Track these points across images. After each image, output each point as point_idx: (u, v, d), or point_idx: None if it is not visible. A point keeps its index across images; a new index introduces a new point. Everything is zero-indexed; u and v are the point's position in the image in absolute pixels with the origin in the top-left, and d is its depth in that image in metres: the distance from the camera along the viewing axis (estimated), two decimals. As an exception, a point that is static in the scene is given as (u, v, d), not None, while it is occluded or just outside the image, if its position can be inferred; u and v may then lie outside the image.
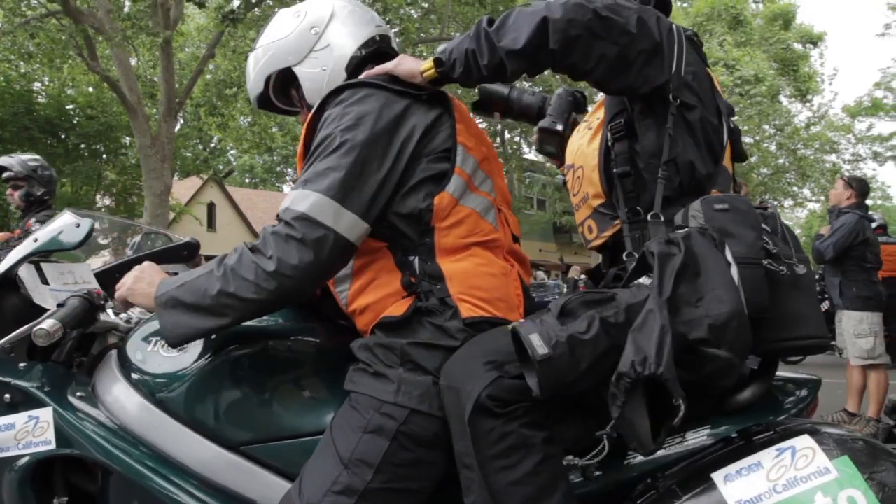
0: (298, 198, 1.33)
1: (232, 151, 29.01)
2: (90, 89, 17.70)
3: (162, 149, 12.41)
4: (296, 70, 1.61)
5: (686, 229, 1.26)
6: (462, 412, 1.22)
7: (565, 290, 14.11)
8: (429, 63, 1.41)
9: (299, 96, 1.66)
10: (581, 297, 1.23)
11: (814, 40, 25.88)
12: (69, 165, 17.86)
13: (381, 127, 1.37)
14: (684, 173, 1.46)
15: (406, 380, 1.33)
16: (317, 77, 1.59)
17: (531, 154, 24.10)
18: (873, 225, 10.04)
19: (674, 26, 1.47)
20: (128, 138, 17.91)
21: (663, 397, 1.12)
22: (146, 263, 1.48)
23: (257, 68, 1.66)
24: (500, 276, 1.46)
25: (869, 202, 5.81)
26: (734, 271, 1.21)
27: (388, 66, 1.45)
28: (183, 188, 24.02)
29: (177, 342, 1.36)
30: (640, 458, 1.36)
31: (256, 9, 12.36)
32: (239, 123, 16.69)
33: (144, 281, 1.43)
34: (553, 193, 25.50)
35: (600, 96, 1.64)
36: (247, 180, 37.65)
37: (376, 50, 1.62)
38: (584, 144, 1.60)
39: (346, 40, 1.59)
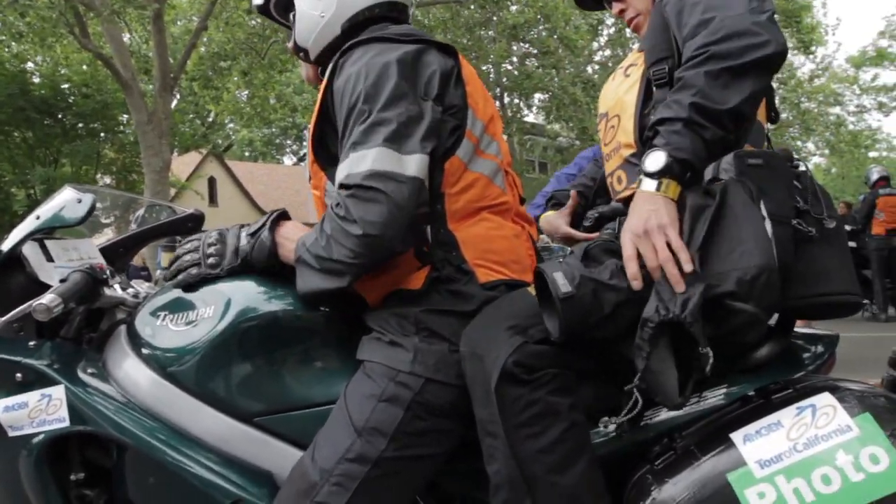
0: (355, 160, 1.28)
1: (231, 125, 28.77)
2: (84, 67, 17.52)
3: (159, 125, 12.33)
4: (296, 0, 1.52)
5: (724, 180, 1.21)
6: (487, 379, 1.20)
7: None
8: None
9: (293, 31, 1.56)
10: (604, 245, 1.20)
11: (817, -11, 25.42)
12: (67, 145, 17.83)
13: (405, 75, 1.33)
14: None
15: (422, 349, 1.32)
16: (311, 21, 1.51)
17: (532, 117, 23.87)
18: (875, 177, 9.93)
19: None
20: (125, 116, 17.79)
21: (689, 350, 1.11)
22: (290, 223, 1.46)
23: None
24: (511, 239, 1.45)
25: (874, 154, 5.81)
26: (768, 225, 1.17)
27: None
28: (182, 164, 23.94)
29: (309, 300, 1.39)
30: (656, 417, 1.35)
31: (248, -22, 12.16)
32: (235, 96, 16.52)
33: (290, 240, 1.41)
34: (555, 156, 25.23)
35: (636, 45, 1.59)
36: (246, 154, 37.47)
37: (386, 14, 1.52)
38: (623, 92, 1.55)
39: None
